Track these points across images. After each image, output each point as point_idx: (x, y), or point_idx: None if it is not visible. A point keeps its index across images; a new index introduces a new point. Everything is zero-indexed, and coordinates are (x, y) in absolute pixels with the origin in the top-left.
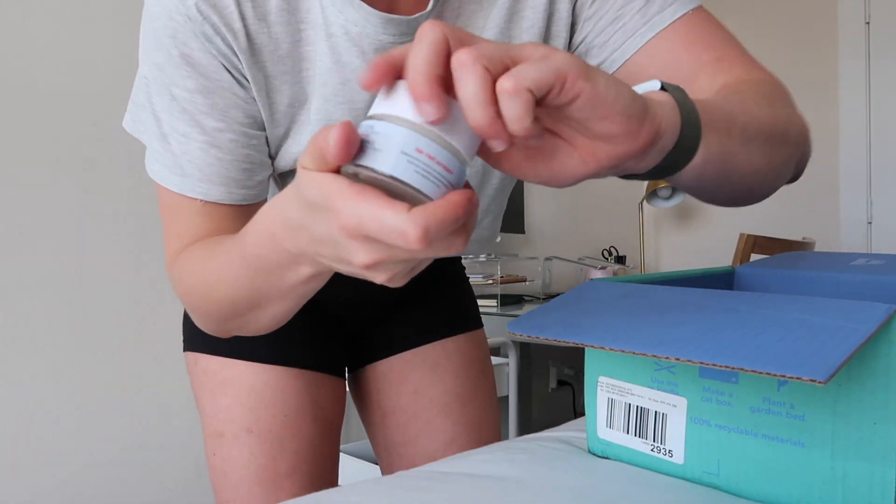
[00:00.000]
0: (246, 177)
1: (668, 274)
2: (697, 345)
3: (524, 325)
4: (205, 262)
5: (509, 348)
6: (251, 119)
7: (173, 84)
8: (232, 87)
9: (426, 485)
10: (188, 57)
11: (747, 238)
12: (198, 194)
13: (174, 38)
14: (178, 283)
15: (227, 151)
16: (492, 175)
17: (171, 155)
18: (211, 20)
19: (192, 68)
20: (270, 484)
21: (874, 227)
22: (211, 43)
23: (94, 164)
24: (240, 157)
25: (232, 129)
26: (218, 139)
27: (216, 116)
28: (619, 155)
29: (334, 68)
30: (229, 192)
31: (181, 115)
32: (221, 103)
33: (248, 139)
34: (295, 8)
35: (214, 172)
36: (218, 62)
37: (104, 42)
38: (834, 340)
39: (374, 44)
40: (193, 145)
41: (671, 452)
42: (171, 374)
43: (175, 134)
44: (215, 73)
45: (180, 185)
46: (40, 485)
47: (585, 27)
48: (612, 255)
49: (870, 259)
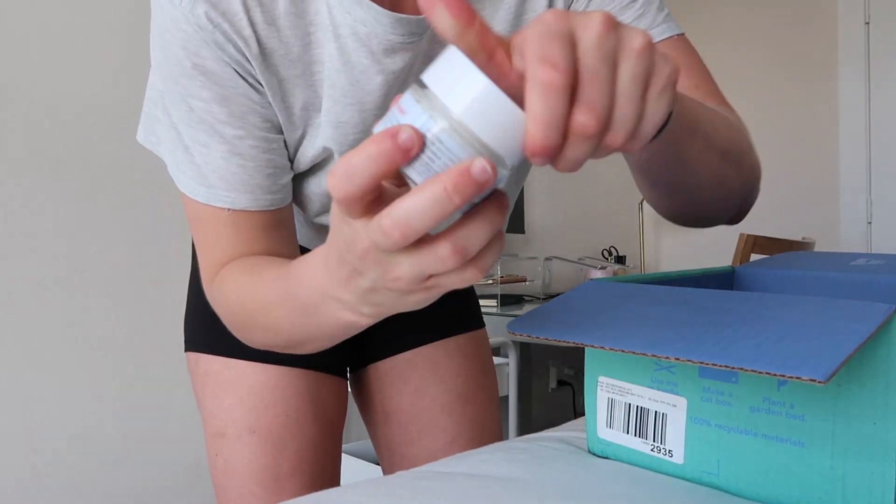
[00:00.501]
0: (270, 182)
1: (668, 274)
2: (697, 345)
3: (524, 325)
4: (249, 291)
5: (509, 348)
6: (269, 123)
7: (189, 95)
8: (247, 93)
9: (427, 485)
10: (201, 66)
11: (747, 238)
12: (224, 203)
13: (185, 48)
14: (219, 305)
15: (249, 158)
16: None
17: (194, 166)
18: (221, 28)
19: (206, 77)
20: (272, 484)
21: (874, 226)
22: (223, 50)
23: (94, 164)
24: (262, 162)
25: (252, 136)
26: (239, 147)
27: (235, 124)
28: None
29: (343, 69)
30: (255, 199)
31: (200, 126)
32: (238, 110)
33: (268, 144)
34: (303, 11)
35: (239, 180)
36: (231, 69)
37: (104, 42)
38: (834, 340)
39: (383, 44)
40: (215, 155)
41: (671, 452)
42: (171, 374)
43: (197, 145)
44: (229, 81)
45: (206, 196)
46: (40, 484)
47: None
48: (612, 255)
49: (870, 259)
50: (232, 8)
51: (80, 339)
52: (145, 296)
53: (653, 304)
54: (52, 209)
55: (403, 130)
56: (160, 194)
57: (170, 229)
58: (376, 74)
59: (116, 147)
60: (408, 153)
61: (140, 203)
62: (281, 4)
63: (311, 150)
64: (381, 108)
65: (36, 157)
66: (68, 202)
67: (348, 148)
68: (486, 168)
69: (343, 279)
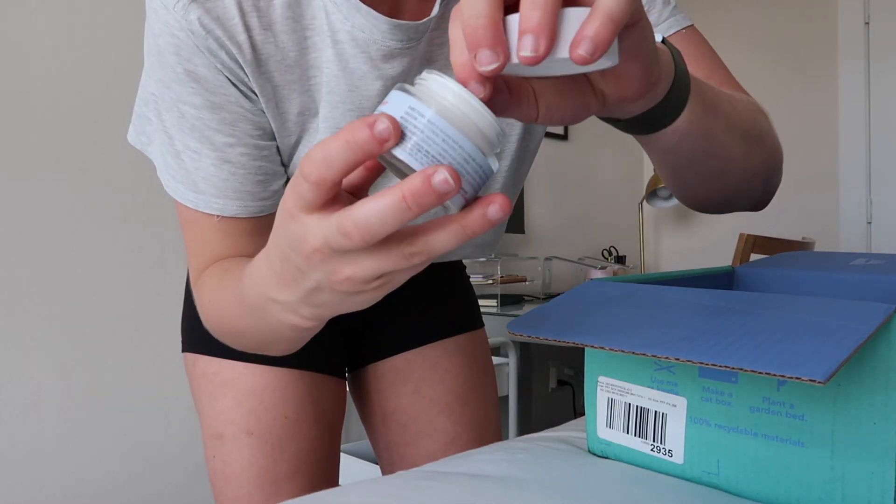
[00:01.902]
0: (261, 188)
1: (667, 274)
2: (697, 345)
3: (524, 325)
4: (216, 294)
5: (509, 348)
6: (261, 131)
7: (180, 101)
8: (239, 101)
9: (426, 484)
10: (192, 73)
11: (747, 238)
12: (213, 210)
13: (177, 54)
14: (198, 308)
15: (239, 166)
16: (493, 181)
17: (184, 172)
18: (214, 34)
19: (198, 84)
20: (271, 486)
21: (874, 226)
22: (215, 57)
23: (94, 164)
24: (253, 169)
25: (242, 143)
26: (229, 154)
27: (225, 131)
28: (625, 94)
29: (341, 75)
30: (245, 206)
31: (191, 132)
32: (230, 118)
33: (259, 151)
34: (300, 15)
35: (229, 187)
36: (223, 77)
37: (104, 42)
38: (833, 340)
39: (382, 50)
40: (206, 161)
41: (671, 452)
42: (171, 374)
43: (187, 151)
44: (221, 88)
45: (196, 202)
46: (41, 485)
47: None
48: (612, 255)
49: (869, 259)
50: (227, 13)
51: (79, 339)
52: (145, 296)
53: (653, 305)
54: (52, 209)
55: (380, 121)
56: (160, 194)
57: (169, 229)
58: (375, 80)
59: (117, 147)
60: (383, 143)
61: (140, 203)
62: (278, 9)
63: None
64: None
65: (36, 157)
66: (68, 202)
67: None
68: (448, 180)
69: (285, 279)
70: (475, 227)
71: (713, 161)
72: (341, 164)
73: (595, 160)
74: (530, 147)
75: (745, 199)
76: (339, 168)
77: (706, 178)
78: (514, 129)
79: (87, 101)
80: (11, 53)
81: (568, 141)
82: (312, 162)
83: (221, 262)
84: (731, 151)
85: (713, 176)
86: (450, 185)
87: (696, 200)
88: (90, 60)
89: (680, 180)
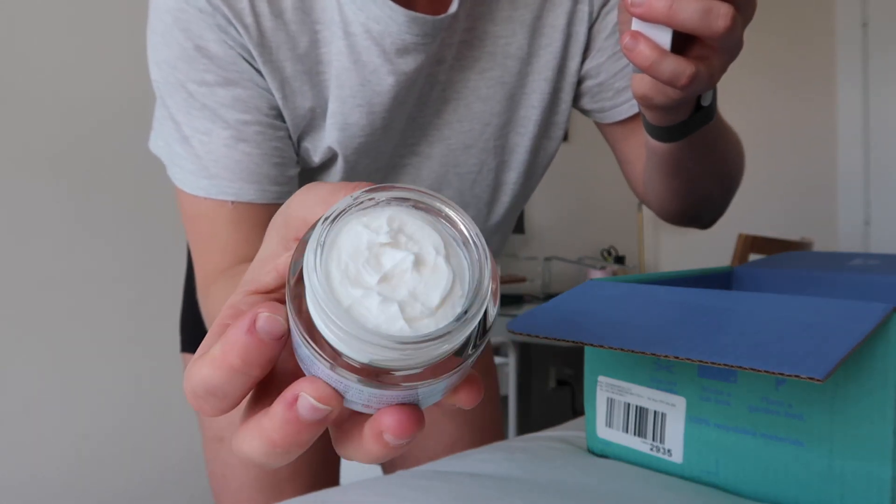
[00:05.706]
0: (278, 172)
1: (667, 274)
2: (696, 343)
3: (524, 325)
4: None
5: (509, 348)
6: (275, 110)
7: (188, 80)
8: (253, 77)
9: (426, 484)
10: (204, 49)
11: (745, 238)
12: (228, 195)
13: (187, 30)
14: (206, 319)
15: (255, 145)
16: (502, 192)
17: (194, 157)
18: (222, 11)
19: (210, 60)
20: (271, 489)
21: (872, 227)
22: (226, 33)
23: (94, 164)
24: (269, 150)
25: (258, 121)
26: (244, 132)
27: (240, 108)
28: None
29: (353, 68)
30: (262, 190)
31: (200, 112)
32: (244, 94)
33: (274, 131)
34: (309, 7)
35: (244, 169)
36: (236, 52)
37: (105, 43)
38: (832, 339)
39: (397, 43)
40: (217, 143)
41: (670, 451)
42: (171, 374)
43: (196, 134)
44: (234, 64)
45: (208, 189)
46: (40, 484)
47: (597, 57)
48: (611, 255)
49: (867, 259)
50: None
51: (79, 339)
52: (145, 296)
53: (652, 304)
54: (53, 209)
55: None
56: (161, 194)
57: (170, 229)
58: (388, 75)
59: (117, 147)
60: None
61: (140, 203)
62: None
63: (317, 154)
64: (389, 111)
65: (36, 156)
66: (68, 202)
67: (354, 151)
68: (316, 406)
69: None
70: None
71: (715, 165)
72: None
73: (595, 160)
74: (541, 161)
75: (714, 211)
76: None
77: (700, 184)
78: (523, 141)
79: (88, 102)
80: (11, 53)
81: (568, 141)
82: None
83: (231, 271)
84: (729, 157)
85: (707, 182)
86: (320, 411)
87: (675, 208)
88: (90, 60)
89: (668, 186)
